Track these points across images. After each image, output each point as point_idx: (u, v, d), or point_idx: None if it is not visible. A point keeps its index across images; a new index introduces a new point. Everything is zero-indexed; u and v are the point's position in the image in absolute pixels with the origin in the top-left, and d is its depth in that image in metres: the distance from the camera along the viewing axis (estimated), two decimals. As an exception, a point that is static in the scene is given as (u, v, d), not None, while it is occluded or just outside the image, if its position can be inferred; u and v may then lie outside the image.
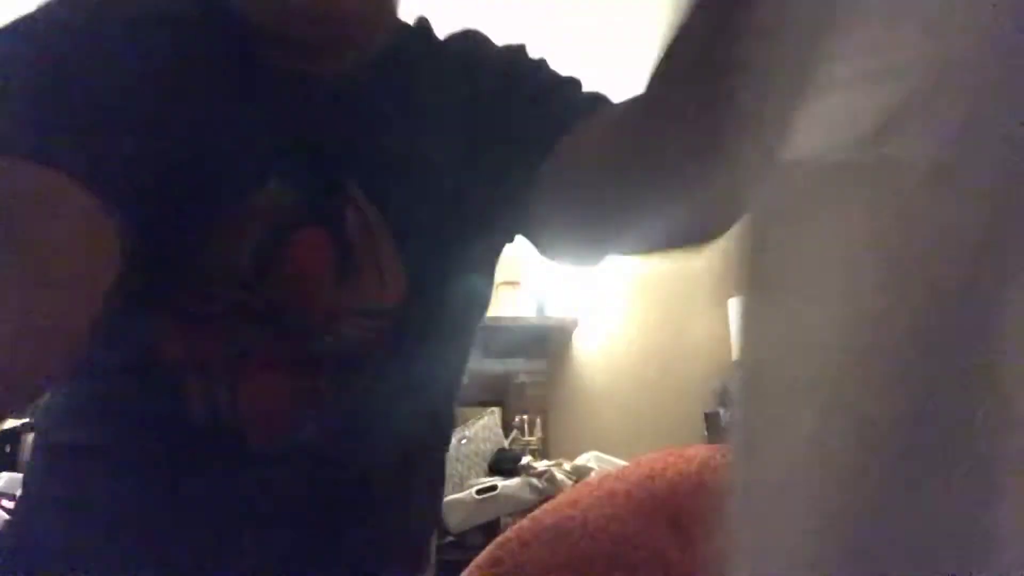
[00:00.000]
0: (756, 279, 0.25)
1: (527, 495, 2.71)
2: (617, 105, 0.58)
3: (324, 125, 0.56)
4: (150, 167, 0.48)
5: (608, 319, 3.88)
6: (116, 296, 0.46)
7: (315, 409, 0.56)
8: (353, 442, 0.59)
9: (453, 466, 2.94)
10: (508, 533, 0.45)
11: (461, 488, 2.80)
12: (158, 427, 0.56)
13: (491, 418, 3.14)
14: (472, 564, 0.43)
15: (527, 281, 3.73)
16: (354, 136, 0.57)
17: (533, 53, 0.66)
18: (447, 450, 0.71)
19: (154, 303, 0.53)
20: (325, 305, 0.55)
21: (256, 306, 0.53)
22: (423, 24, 0.66)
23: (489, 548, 0.43)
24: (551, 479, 2.76)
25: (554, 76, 0.64)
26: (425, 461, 0.66)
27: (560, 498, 0.48)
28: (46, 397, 0.61)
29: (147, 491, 0.56)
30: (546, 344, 3.76)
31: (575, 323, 3.76)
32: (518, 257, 3.69)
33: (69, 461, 0.59)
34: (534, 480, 2.77)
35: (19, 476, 2.45)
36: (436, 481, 0.69)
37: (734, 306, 3.76)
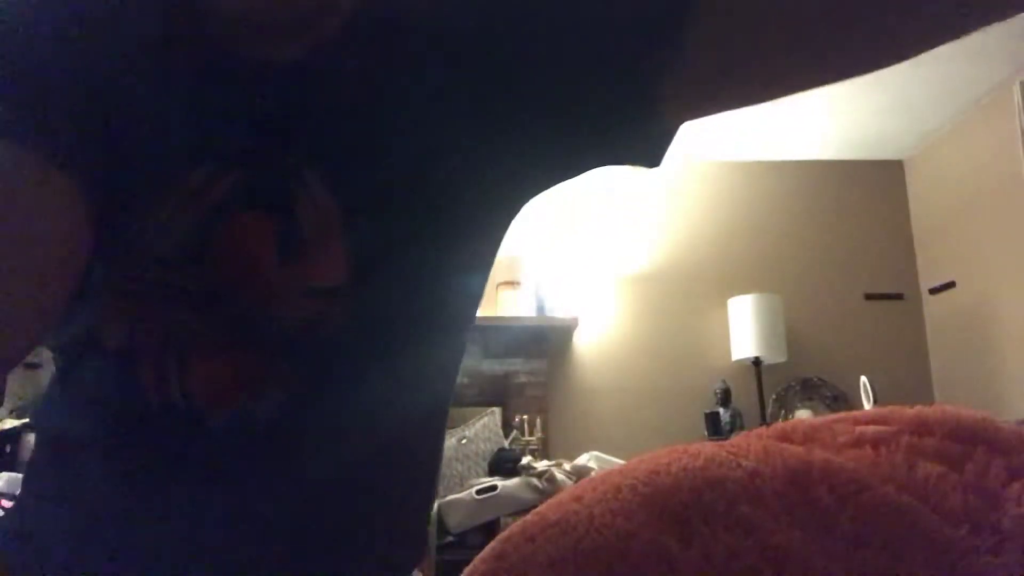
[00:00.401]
0: None
1: (527, 495, 2.71)
2: None
3: (277, 110, 0.56)
4: (98, 148, 0.49)
5: (608, 319, 3.89)
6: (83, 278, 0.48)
7: (263, 389, 0.55)
8: (316, 428, 0.58)
9: (453, 466, 2.94)
10: (512, 528, 0.45)
11: (461, 488, 2.80)
12: (118, 411, 0.56)
13: (491, 418, 3.14)
14: (476, 559, 0.43)
15: (527, 281, 3.73)
16: (313, 121, 0.56)
17: None
18: (436, 446, 0.68)
19: (96, 282, 0.53)
20: (261, 286, 0.54)
21: (189, 287, 0.53)
22: None
23: (493, 543, 0.43)
24: (551, 479, 2.76)
25: None
26: (406, 455, 0.65)
27: (563, 494, 0.48)
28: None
29: (115, 477, 0.56)
30: (546, 344, 3.76)
31: (575, 323, 3.76)
32: (518, 257, 3.71)
33: (49, 450, 0.60)
34: (534, 480, 2.77)
35: (19, 476, 2.45)
36: (420, 480, 0.67)
37: (734, 306, 3.77)
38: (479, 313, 0.71)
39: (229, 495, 0.56)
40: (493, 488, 2.72)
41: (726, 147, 3.98)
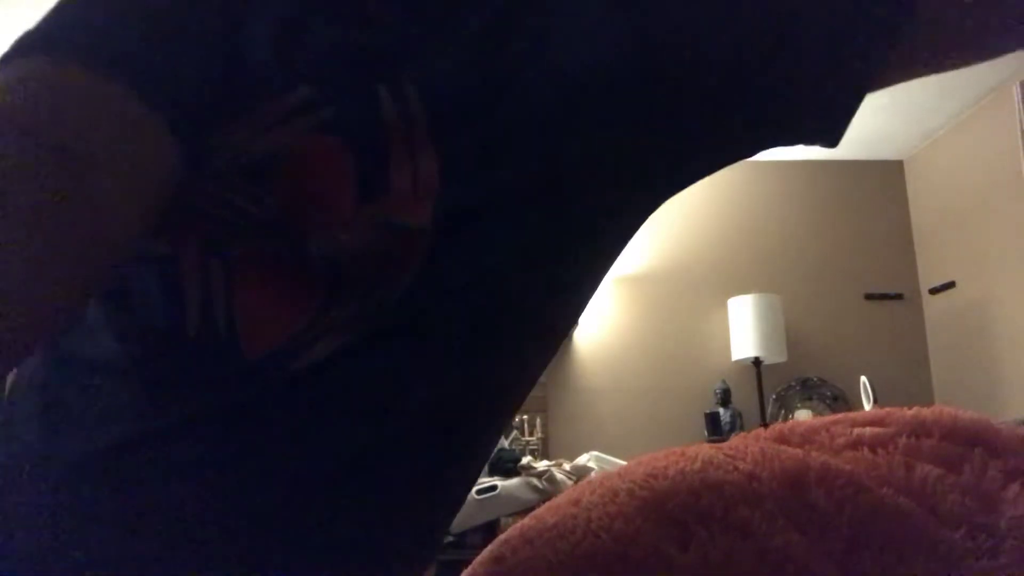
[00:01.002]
0: None
1: (527, 495, 2.71)
2: None
3: (402, 41, 0.50)
4: (196, 68, 0.45)
5: (608, 319, 3.89)
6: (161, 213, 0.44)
7: (310, 330, 0.50)
8: (359, 390, 0.52)
9: (453, 466, 2.94)
10: (510, 531, 0.45)
11: (461, 488, 2.80)
12: (157, 331, 0.51)
13: (491, 418, 3.13)
14: (474, 562, 0.43)
15: (527, 281, 3.73)
16: (435, 55, 0.51)
17: None
18: (486, 448, 0.62)
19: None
20: (331, 213, 0.48)
21: (251, 206, 0.48)
22: None
23: (491, 546, 0.43)
24: (551, 479, 2.76)
25: None
26: (452, 446, 0.58)
27: (561, 497, 0.48)
28: None
29: (140, 402, 0.52)
30: (546, 344, 3.76)
31: (575, 323, 3.76)
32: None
33: (67, 370, 0.55)
34: (534, 480, 2.77)
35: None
36: (459, 479, 0.61)
37: (734, 306, 3.77)
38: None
39: (251, 444, 0.51)
40: (493, 488, 2.71)
41: (726, 147, 3.97)
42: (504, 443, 3.18)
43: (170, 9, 0.45)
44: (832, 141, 0.59)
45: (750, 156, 0.62)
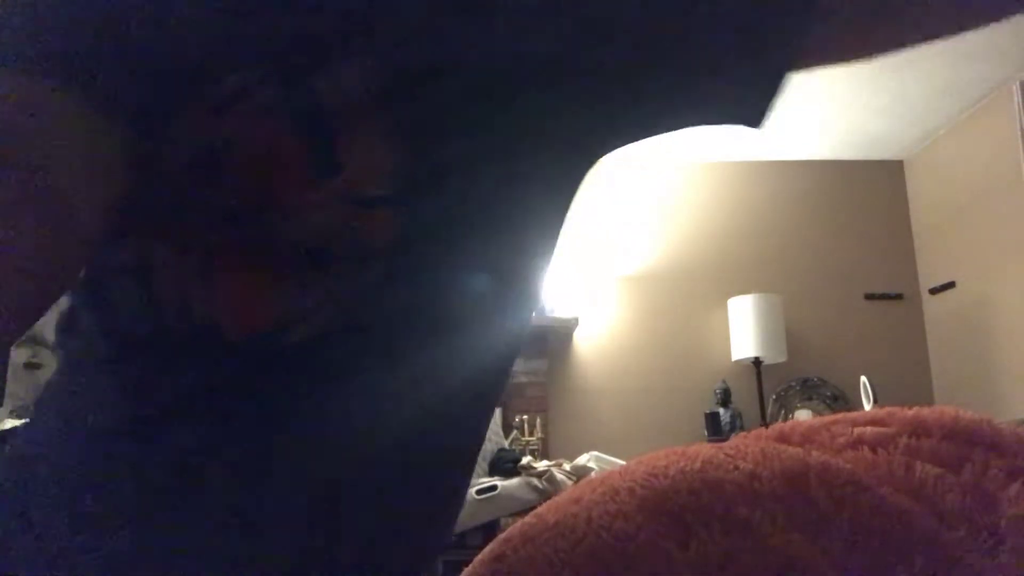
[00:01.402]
0: None
1: (527, 495, 2.72)
2: None
3: (336, 12, 0.50)
4: (115, 60, 0.44)
5: (608, 319, 3.89)
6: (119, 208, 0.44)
7: (294, 310, 0.50)
8: (350, 362, 0.52)
9: (453, 466, 2.94)
10: (511, 530, 0.45)
11: (461, 488, 2.80)
12: (138, 332, 0.52)
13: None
14: (475, 560, 0.43)
15: (527, 281, 3.73)
16: (373, 29, 0.51)
17: None
18: (479, 427, 0.63)
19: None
20: (291, 197, 0.48)
21: (211, 201, 0.48)
22: None
23: (492, 544, 0.43)
24: (551, 479, 2.77)
25: None
26: (451, 424, 0.58)
27: (562, 496, 0.48)
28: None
29: (131, 399, 0.53)
30: (546, 344, 3.76)
31: (575, 323, 3.76)
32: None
33: (68, 371, 0.56)
34: (534, 480, 2.77)
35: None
36: (459, 460, 0.62)
37: (734, 306, 3.77)
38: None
39: (235, 430, 0.52)
40: (493, 488, 2.72)
41: (726, 147, 3.97)
42: (504, 443, 3.18)
43: (104, 5, 0.44)
44: (755, 121, 0.59)
45: (675, 130, 0.63)
